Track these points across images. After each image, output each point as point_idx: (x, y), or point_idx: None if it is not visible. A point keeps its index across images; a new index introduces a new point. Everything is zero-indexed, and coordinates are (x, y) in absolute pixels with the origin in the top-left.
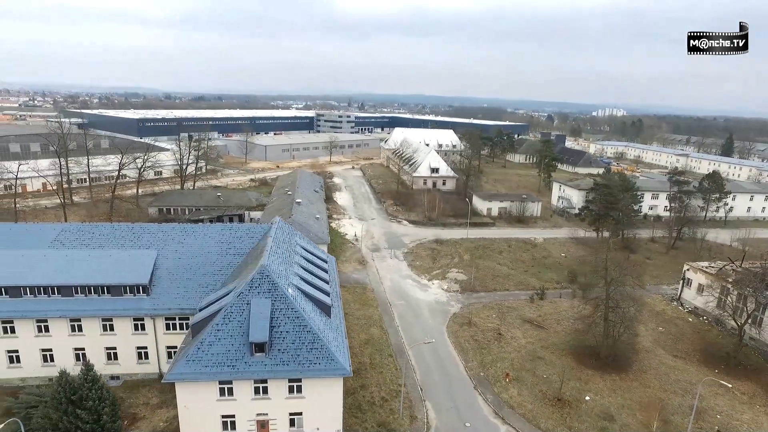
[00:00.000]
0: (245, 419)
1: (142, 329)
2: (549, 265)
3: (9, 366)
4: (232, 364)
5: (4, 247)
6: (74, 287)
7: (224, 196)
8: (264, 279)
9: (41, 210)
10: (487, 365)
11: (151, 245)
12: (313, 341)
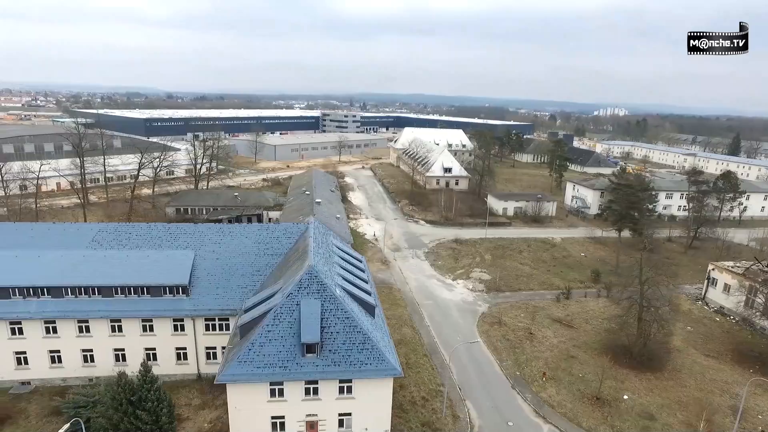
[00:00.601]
0: (295, 420)
1: (181, 330)
2: (570, 265)
3: (51, 366)
4: (284, 365)
5: (43, 246)
6: (114, 288)
7: (241, 196)
8: (312, 279)
9: (58, 210)
10: (522, 364)
11: (189, 246)
12: (364, 342)
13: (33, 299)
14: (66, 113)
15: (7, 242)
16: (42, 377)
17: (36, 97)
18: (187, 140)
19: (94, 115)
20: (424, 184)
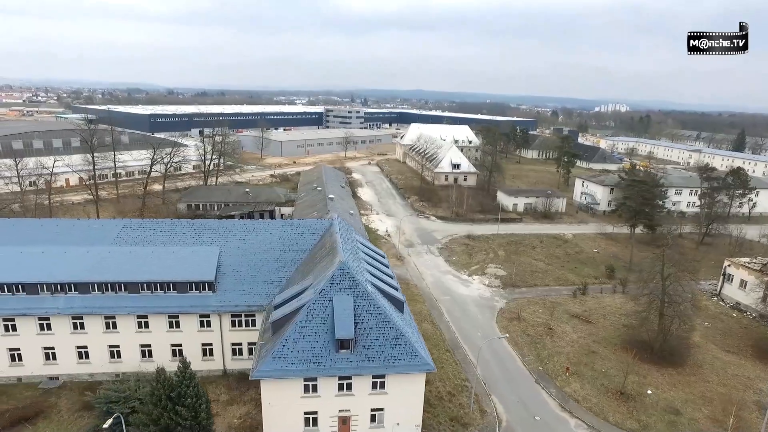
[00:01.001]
0: (328, 415)
1: (207, 326)
2: (584, 261)
3: (78, 361)
4: (318, 361)
5: (68, 243)
6: (141, 284)
7: (252, 192)
8: (344, 275)
9: (69, 206)
10: (544, 360)
11: (213, 242)
12: (397, 337)
13: (60, 295)
14: (68, 109)
15: (32, 238)
16: (70, 372)
17: (37, 93)
18: (192, 136)
19: (97, 111)
20: (433, 180)
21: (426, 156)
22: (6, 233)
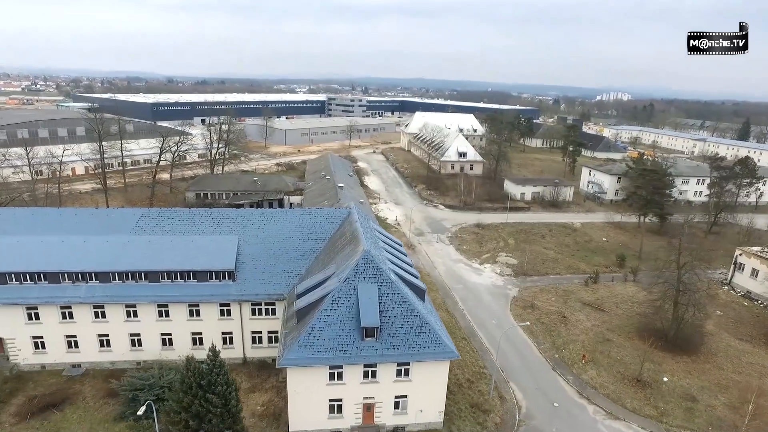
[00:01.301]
0: (352, 402)
1: (227, 315)
2: (593, 250)
3: (100, 350)
4: (344, 349)
5: (87, 232)
6: (161, 273)
7: (260, 181)
8: (368, 264)
9: (77, 195)
10: (559, 347)
11: (232, 231)
12: (421, 325)
13: (82, 284)
14: (69, 98)
15: (52, 228)
16: (92, 360)
17: (35, 82)
18: (195, 125)
19: (99, 99)
20: (439, 168)
21: (432, 145)
22: (25, 222)
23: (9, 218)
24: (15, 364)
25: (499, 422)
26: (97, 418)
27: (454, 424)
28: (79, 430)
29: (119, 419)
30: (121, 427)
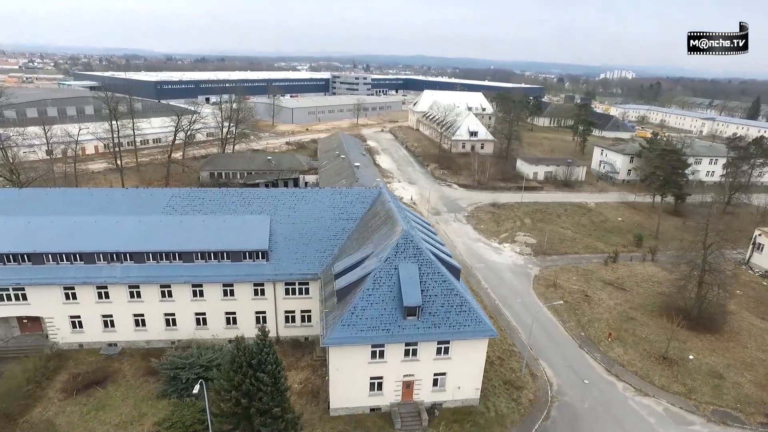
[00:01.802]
0: (393, 380)
1: (261, 294)
2: (610, 229)
3: (136, 329)
4: (387, 328)
5: (120, 212)
6: (195, 253)
7: (274, 160)
8: (408, 243)
9: (90, 174)
10: (584, 325)
11: (263, 211)
12: (461, 304)
13: (117, 264)
14: (69, 76)
15: (84, 208)
16: (128, 339)
17: (32, 59)
18: (199, 103)
19: (100, 78)
20: (450, 147)
21: (442, 124)
22: (57, 202)
23: (41, 198)
24: (54, 343)
25: (533, 398)
26: (139, 396)
27: (489, 401)
28: (123, 406)
29: (161, 397)
30: (163, 404)
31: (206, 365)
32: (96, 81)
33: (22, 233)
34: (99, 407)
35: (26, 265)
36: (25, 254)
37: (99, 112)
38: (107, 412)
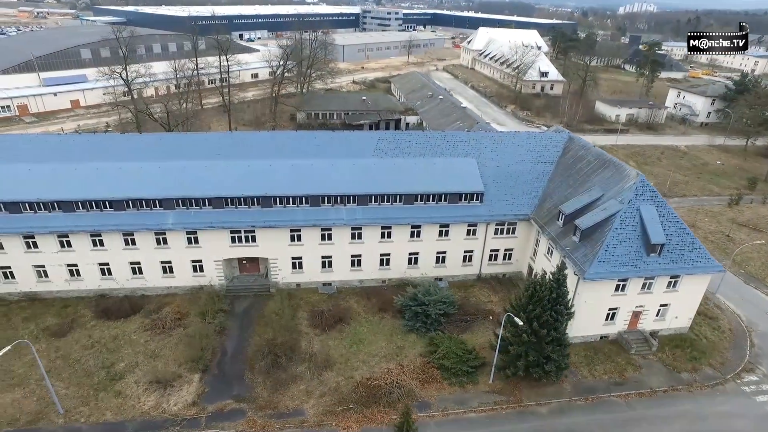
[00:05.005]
0: (625, 311)
1: (472, 234)
2: (714, 172)
3: (351, 269)
4: (634, 264)
5: (330, 155)
6: (416, 195)
7: (369, 100)
8: (645, 187)
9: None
10: (740, 264)
11: (468, 154)
12: (692, 242)
13: (341, 207)
14: (87, 10)
15: (302, 152)
16: (342, 279)
17: None
18: (236, 40)
19: (125, 12)
20: (520, 88)
21: (510, 64)
22: (262, 146)
23: (246, 141)
24: (275, 282)
25: (731, 328)
26: (385, 331)
27: (694, 330)
28: (378, 341)
29: (409, 331)
30: (413, 337)
31: (446, 301)
32: (122, 16)
33: (243, 176)
34: (356, 341)
35: (256, 208)
36: (256, 197)
37: (165, 51)
38: (366, 345)
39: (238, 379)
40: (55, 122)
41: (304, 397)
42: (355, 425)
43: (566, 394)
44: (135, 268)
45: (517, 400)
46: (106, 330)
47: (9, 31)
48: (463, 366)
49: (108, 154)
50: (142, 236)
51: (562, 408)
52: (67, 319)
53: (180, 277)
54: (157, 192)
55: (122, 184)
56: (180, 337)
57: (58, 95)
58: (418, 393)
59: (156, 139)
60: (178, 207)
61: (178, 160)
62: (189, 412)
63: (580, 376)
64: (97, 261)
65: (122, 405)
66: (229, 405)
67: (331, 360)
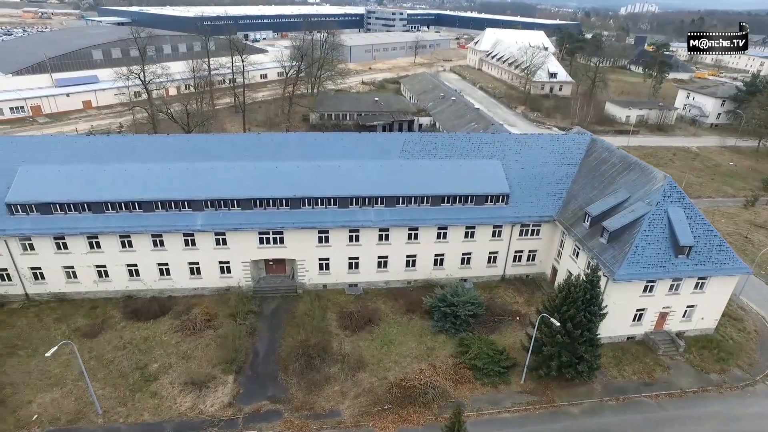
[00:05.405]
0: (652, 312)
1: (497, 236)
2: (727, 174)
3: (378, 270)
4: (662, 265)
5: (355, 156)
6: (442, 197)
7: (381, 101)
8: (673, 189)
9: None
10: (760, 265)
11: (493, 155)
12: (720, 244)
13: (369, 208)
14: (90, 10)
15: (324, 153)
16: (368, 280)
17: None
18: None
19: (129, 13)
20: (529, 89)
21: (518, 64)
22: (281, 147)
23: (265, 142)
24: (302, 284)
25: (756, 329)
26: (414, 332)
27: (719, 331)
28: (408, 341)
29: (438, 332)
30: (443, 338)
31: (475, 302)
32: (127, 17)
33: (271, 178)
34: (387, 342)
35: (285, 209)
36: (285, 198)
37: (176, 52)
38: (397, 346)
39: (272, 380)
40: (68, 123)
41: (340, 398)
42: (391, 426)
43: (597, 394)
44: (162, 269)
45: (549, 401)
46: (137, 331)
47: (15, 31)
48: (494, 366)
49: (136, 155)
50: (171, 237)
51: (593, 408)
52: (98, 320)
53: (207, 278)
54: (185, 193)
55: (151, 186)
56: (211, 338)
57: (70, 96)
58: (452, 393)
59: (183, 141)
60: (207, 208)
61: (205, 161)
62: (226, 413)
63: (610, 376)
64: (125, 262)
65: (159, 406)
66: (265, 406)
67: (363, 361)
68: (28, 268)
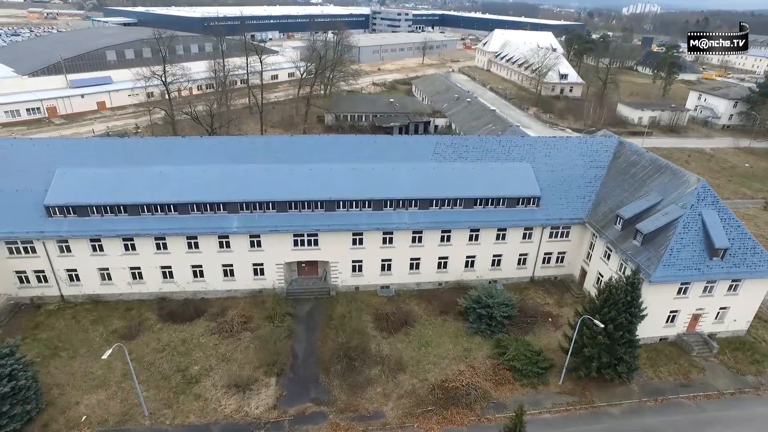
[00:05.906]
0: (686, 313)
1: (528, 238)
2: (744, 175)
3: (410, 272)
4: (697, 268)
5: (388, 159)
6: (475, 199)
7: (396, 102)
8: (707, 192)
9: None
10: None
11: (523, 158)
12: (754, 247)
13: (404, 211)
14: (96, 11)
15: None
16: (400, 282)
17: None
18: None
19: (134, 14)
20: (540, 90)
21: (528, 65)
22: (335, 149)
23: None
24: (335, 285)
25: None
26: (450, 333)
27: (751, 333)
28: (444, 343)
29: (473, 333)
30: (478, 339)
31: (509, 304)
32: (133, 17)
33: (306, 180)
34: (423, 344)
35: (319, 211)
36: (320, 201)
37: (188, 53)
38: (434, 348)
39: (314, 382)
40: (84, 124)
41: (383, 400)
42: (435, 426)
43: (635, 395)
44: (196, 271)
45: (588, 401)
46: (174, 333)
47: (22, 31)
48: (533, 367)
49: (170, 157)
50: (205, 239)
51: (633, 409)
52: (134, 321)
53: (240, 280)
54: (221, 196)
55: (186, 188)
56: (249, 341)
57: (85, 97)
58: (493, 394)
59: (216, 143)
60: (242, 210)
61: (239, 163)
62: (271, 416)
63: (646, 377)
64: (159, 264)
65: (204, 408)
66: (309, 408)
67: (402, 362)
68: (64, 270)
